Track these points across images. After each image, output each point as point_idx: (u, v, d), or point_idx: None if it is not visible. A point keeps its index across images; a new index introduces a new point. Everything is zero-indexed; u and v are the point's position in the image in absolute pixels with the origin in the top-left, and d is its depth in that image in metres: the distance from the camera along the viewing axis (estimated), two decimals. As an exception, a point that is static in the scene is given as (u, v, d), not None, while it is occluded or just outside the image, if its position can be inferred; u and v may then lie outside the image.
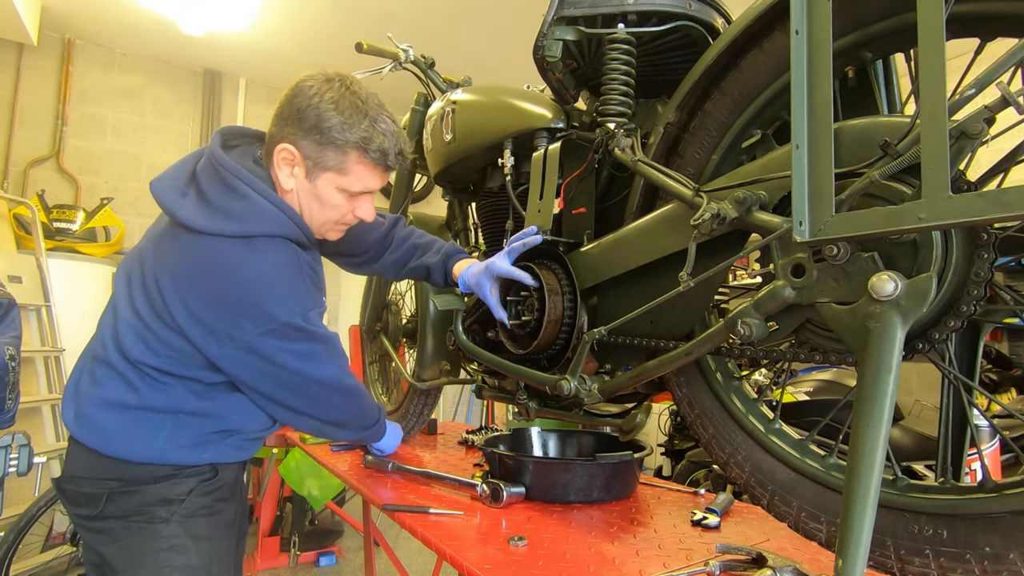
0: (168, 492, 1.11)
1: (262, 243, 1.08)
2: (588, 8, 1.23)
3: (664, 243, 1.08)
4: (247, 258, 1.07)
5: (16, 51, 4.35)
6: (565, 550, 1.07)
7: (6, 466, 1.89)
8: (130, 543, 1.08)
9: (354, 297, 2.19)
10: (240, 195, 1.09)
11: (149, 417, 1.11)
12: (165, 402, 1.11)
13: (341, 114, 1.09)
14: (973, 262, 0.77)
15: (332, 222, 1.20)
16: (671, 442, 3.60)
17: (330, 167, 1.12)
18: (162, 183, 1.12)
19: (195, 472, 1.14)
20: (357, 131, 1.10)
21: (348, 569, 3.54)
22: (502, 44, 4.20)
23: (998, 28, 0.77)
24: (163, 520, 1.09)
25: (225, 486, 1.19)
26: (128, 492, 1.09)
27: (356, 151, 1.11)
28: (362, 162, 1.13)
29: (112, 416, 1.11)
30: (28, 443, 1.95)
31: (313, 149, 1.10)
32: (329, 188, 1.14)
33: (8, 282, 3.12)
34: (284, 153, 1.12)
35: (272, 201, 1.11)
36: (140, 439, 1.10)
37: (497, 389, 1.59)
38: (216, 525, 1.16)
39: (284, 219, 1.11)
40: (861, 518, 0.69)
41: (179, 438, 1.12)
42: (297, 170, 1.13)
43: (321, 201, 1.15)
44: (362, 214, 1.21)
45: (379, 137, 1.11)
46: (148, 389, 1.11)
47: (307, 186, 1.14)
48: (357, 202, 1.19)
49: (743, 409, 1.04)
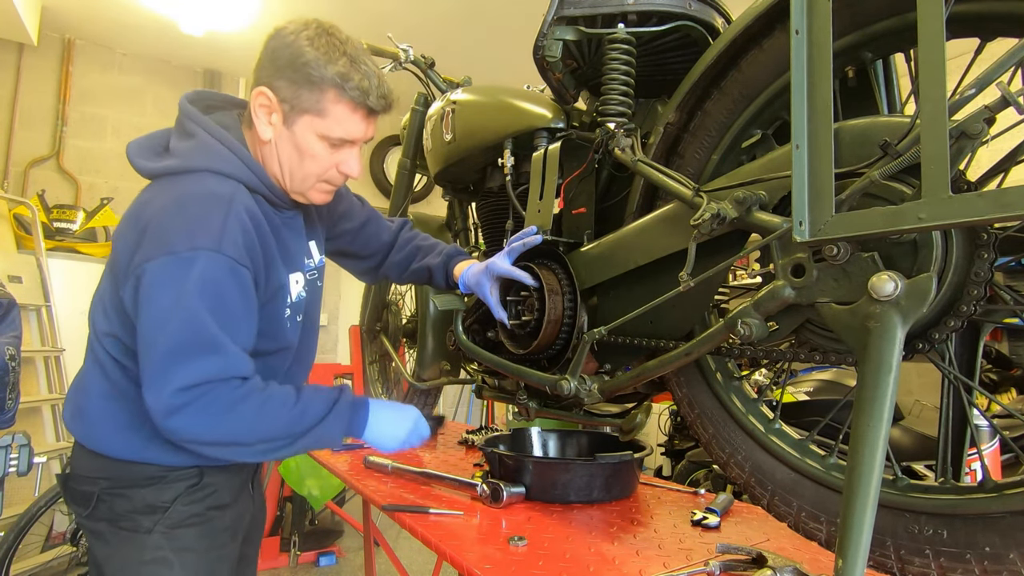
0: (154, 498, 1.04)
1: (199, 175, 1.01)
2: (588, 8, 1.23)
3: (664, 243, 1.08)
4: (175, 185, 1.00)
5: (16, 51, 4.34)
6: (565, 550, 1.07)
7: (6, 466, 1.89)
8: (117, 552, 1.04)
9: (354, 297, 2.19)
10: (190, 135, 1.04)
11: (127, 406, 1.04)
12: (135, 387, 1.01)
13: (317, 50, 1.01)
14: (973, 262, 0.77)
15: (315, 176, 1.09)
16: (671, 442, 3.60)
17: (307, 109, 1.03)
18: (137, 141, 1.09)
19: (182, 476, 1.06)
20: (334, 67, 1.01)
21: (348, 569, 3.54)
22: (502, 44, 4.20)
23: (998, 28, 0.77)
24: (147, 530, 1.03)
25: (219, 491, 1.10)
26: (117, 494, 1.04)
27: (333, 88, 1.02)
28: (340, 101, 1.03)
29: (93, 405, 1.06)
30: (28, 443, 1.95)
31: (289, 89, 1.02)
32: (308, 134, 1.05)
33: (8, 282, 3.12)
34: (260, 98, 1.04)
35: (223, 140, 1.03)
36: (121, 432, 1.04)
37: (497, 389, 1.59)
38: (208, 535, 1.08)
39: (233, 159, 1.03)
40: (861, 518, 0.69)
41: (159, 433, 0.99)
42: (275, 117, 1.05)
43: (301, 151, 1.06)
44: (347, 169, 1.10)
45: (357, 75, 1.02)
46: (117, 371, 1.04)
47: (286, 134, 1.05)
48: (340, 154, 1.08)
49: (743, 409, 1.04)
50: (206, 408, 0.93)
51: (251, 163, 1.05)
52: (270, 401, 0.99)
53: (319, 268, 1.25)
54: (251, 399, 0.97)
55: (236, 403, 0.95)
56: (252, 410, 0.97)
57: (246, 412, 0.96)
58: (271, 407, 0.99)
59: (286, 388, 1.03)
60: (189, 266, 0.92)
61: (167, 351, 0.92)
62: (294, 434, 1.02)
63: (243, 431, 0.98)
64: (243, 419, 0.96)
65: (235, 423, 0.96)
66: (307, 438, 1.03)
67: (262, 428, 0.99)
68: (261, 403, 0.98)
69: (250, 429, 0.98)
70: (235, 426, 0.97)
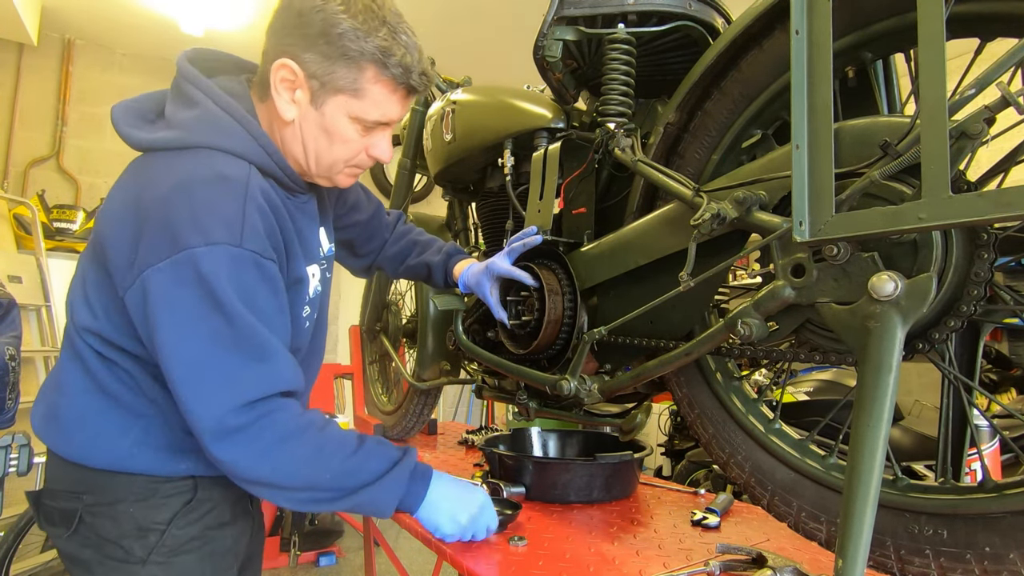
0: (145, 518, 0.89)
1: (203, 153, 0.86)
2: (588, 8, 1.23)
3: (664, 243, 1.08)
4: (175, 165, 0.85)
5: (16, 51, 4.34)
6: (565, 550, 1.07)
7: (6, 466, 1.89)
8: None
9: (354, 297, 2.19)
10: (192, 103, 0.89)
11: (113, 407, 0.90)
12: (124, 386, 0.90)
13: (354, 18, 0.86)
14: (973, 262, 0.77)
15: (343, 162, 0.96)
16: (671, 442, 3.60)
17: (341, 88, 0.89)
18: (124, 104, 0.94)
19: (175, 490, 0.92)
20: (374, 39, 0.87)
21: (348, 569, 3.54)
22: (502, 44, 4.20)
23: (998, 28, 0.77)
24: (139, 560, 0.88)
25: (218, 507, 0.96)
26: (103, 512, 0.89)
27: (374, 66, 0.88)
28: (380, 80, 0.90)
29: (70, 405, 0.91)
30: (28, 443, 1.95)
31: (320, 64, 0.87)
32: (339, 117, 0.91)
33: (8, 282, 3.12)
34: (283, 71, 0.88)
35: (232, 112, 0.89)
36: (105, 437, 0.89)
37: (497, 389, 1.59)
38: (208, 558, 0.93)
39: (243, 135, 0.89)
40: (861, 518, 0.69)
41: (152, 437, 0.90)
42: (300, 94, 0.90)
43: (330, 134, 0.93)
44: (378, 153, 0.98)
45: (399, 49, 0.89)
46: (102, 368, 0.90)
47: (312, 114, 0.91)
48: (373, 137, 0.96)
49: (743, 409, 1.04)
50: (260, 435, 0.83)
51: (265, 141, 0.91)
52: (328, 444, 0.88)
53: (329, 258, 1.12)
54: (308, 436, 0.86)
55: (293, 435, 0.85)
56: (307, 450, 0.86)
57: (300, 450, 0.86)
58: (327, 451, 0.88)
59: (348, 433, 0.93)
60: (209, 263, 0.80)
61: (210, 366, 0.81)
62: (344, 488, 0.89)
63: (292, 472, 0.86)
64: (295, 458, 0.86)
65: (286, 461, 0.85)
66: (357, 496, 0.90)
67: (312, 473, 0.87)
68: (318, 444, 0.87)
69: (299, 472, 0.86)
70: (286, 465, 0.85)
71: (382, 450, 0.95)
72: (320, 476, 0.88)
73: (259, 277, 0.85)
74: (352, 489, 0.90)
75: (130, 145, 0.91)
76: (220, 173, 0.85)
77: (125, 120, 0.91)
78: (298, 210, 0.98)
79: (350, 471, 0.90)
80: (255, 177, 0.88)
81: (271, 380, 0.85)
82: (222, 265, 0.81)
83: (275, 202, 0.91)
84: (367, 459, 0.92)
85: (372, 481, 0.91)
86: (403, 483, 0.94)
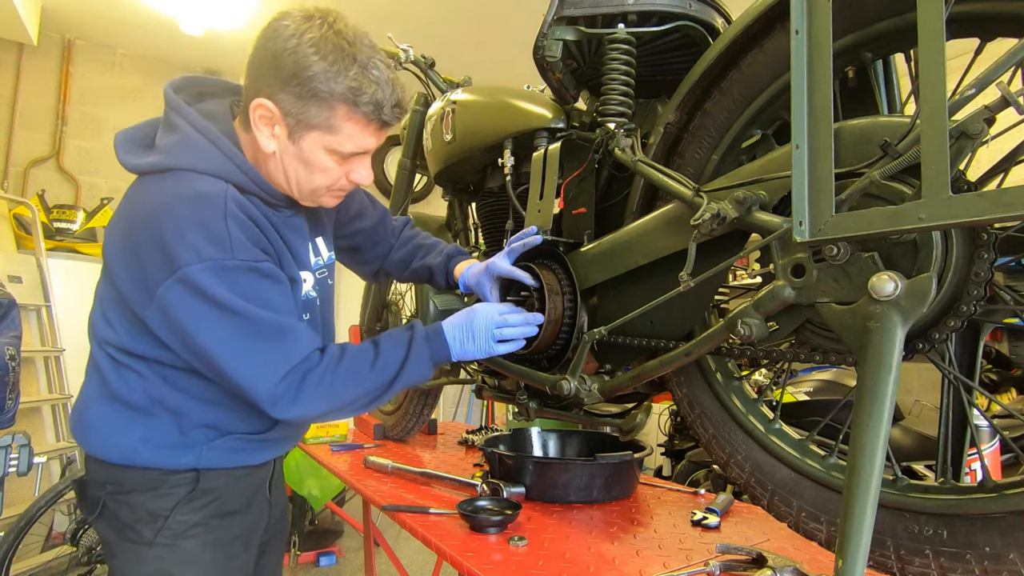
0: (154, 505, 1.00)
1: (183, 175, 0.94)
2: (588, 8, 1.23)
3: (664, 243, 1.08)
4: (158, 188, 0.94)
5: (16, 51, 4.34)
6: (565, 550, 1.07)
7: (6, 466, 1.89)
8: (120, 564, 1.02)
9: (354, 297, 2.19)
10: (174, 128, 0.97)
11: (121, 409, 1.01)
12: (132, 390, 1.00)
13: (324, 59, 0.91)
14: (973, 262, 0.77)
15: (324, 188, 1.03)
16: (671, 442, 3.60)
17: (315, 125, 0.95)
18: (125, 132, 1.03)
19: (179, 481, 1.01)
20: (344, 80, 0.92)
21: (348, 569, 3.54)
22: (502, 44, 4.20)
23: (998, 28, 0.77)
24: (148, 542, 0.99)
25: (223, 498, 1.04)
26: (121, 501, 1.01)
27: (344, 105, 0.94)
28: (352, 118, 0.95)
29: (90, 410, 1.03)
30: (28, 443, 1.95)
31: (294, 104, 0.93)
32: (316, 150, 0.97)
33: (8, 282, 3.12)
34: (261, 110, 0.95)
35: (207, 135, 0.96)
36: (115, 435, 1.01)
37: (497, 389, 1.59)
38: (212, 545, 1.02)
39: (218, 157, 0.96)
40: (861, 518, 0.69)
41: (155, 435, 1.00)
42: (278, 129, 0.96)
43: (309, 165, 0.99)
44: (358, 178, 1.04)
45: (371, 86, 0.94)
46: (114, 373, 1.01)
47: (291, 148, 0.97)
48: (351, 164, 1.02)
49: (743, 409, 1.04)
50: (305, 390, 0.96)
51: (240, 161, 0.98)
52: (353, 363, 1.02)
53: (328, 265, 1.20)
54: (338, 368, 1.00)
55: (326, 376, 0.98)
56: (342, 377, 1.00)
57: (338, 382, 0.99)
58: (356, 369, 1.02)
59: (363, 346, 1.06)
60: (206, 279, 0.89)
61: (243, 355, 0.93)
62: (385, 383, 1.05)
63: (341, 398, 1.01)
64: (336, 389, 1.00)
65: (333, 395, 0.99)
66: (398, 382, 1.06)
67: (356, 389, 1.02)
68: (347, 369, 1.01)
69: (346, 395, 1.01)
70: (333, 397, 1.00)
71: (395, 340, 1.09)
72: (362, 387, 1.03)
73: (258, 277, 0.95)
74: (391, 380, 1.05)
75: (126, 169, 1.00)
76: (198, 191, 0.93)
77: (123, 147, 1.01)
78: (283, 224, 1.05)
79: (381, 371, 1.05)
80: (232, 192, 0.96)
81: (295, 350, 0.98)
82: (218, 278, 0.90)
83: (255, 215, 0.98)
84: (389, 354, 1.06)
85: (401, 367, 1.06)
86: (425, 351, 1.09)
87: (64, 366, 3.57)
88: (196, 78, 1.09)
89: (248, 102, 0.97)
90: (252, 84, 0.97)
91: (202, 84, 1.09)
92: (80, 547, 2.66)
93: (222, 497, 1.05)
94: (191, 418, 1.01)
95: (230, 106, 1.06)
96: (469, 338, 1.14)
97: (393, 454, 1.87)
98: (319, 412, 1.01)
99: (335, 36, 0.93)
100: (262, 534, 1.16)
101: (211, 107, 1.03)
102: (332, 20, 0.95)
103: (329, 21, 0.94)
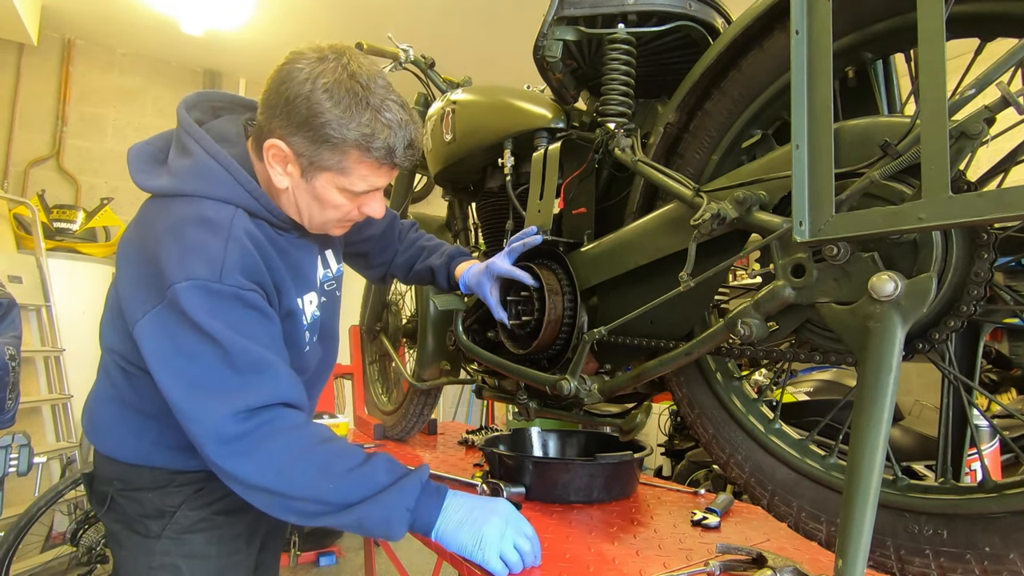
0: (162, 502, 1.04)
1: (194, 201, 0.95)
2: (588, 8, 1.23)
3: (664, 243, 1.08)
4: (169, 210, 0.95)
5: (16, 51, 4.35)
6: (565, 550, 1.07)
7: (6, 466, 1.89)
8: (128, 555, 1.05)
9: (354, 297, 2.19)
10: (187, 153, 0.98)
11: (134, 413, 1.04)
12: (143, 397, 1.02)
13: (337, 105, 0.92)
14: (973, 262, 0.77)
15: (335, 221, 1.06)
16: (671, 442, 3.60)
17: (328, 167, 0.96)
18: (138, 147, 1.04)
19: (189, 480, 1.05)
20: (357, 127, 0.93)
21: (348, 569, 3.54)
22: (502, 44, 4.20)
23: (998, 28, 0.77)
24: (155, 535, 1.03)
25: (229, 496, 0.99)
26: (129, 497, 1.05)
27: (357, 150, 0.95)
28: (364, 162, 0.96)
29: (102, 412, 1.07)
30: (28, 443, 1.95)
31: (306, 147, 0.95)
32: (329, 189, 0.99)
33: (8, 282, 3.12)
34: (274, 151, 0.97)
35: (220, 161, 0.96)
36: (129, 437, 1.05)
37: (497, 389, 1.59)
38: (217, 541, 1.06)
39: (231, 182, 0.96)
40: (861, 518, 0.69)
41: (167, 439, 1.02)
42: (291, 168, 0.98)
43: (321, 202, 1.01)
44: (370, 211, 1.06)
45: (384, 131, 0.94)
46: (124, 381, 1.04)
47: (304, 185, 0.99)
48: (363, 200, 1.04)
49: (743, 409, 1.04)
50: (261, 442, 0.86)
51: (252, 187, 0.98)
52: (332, 454, 0.90)
53: (337, 277, 1.22)
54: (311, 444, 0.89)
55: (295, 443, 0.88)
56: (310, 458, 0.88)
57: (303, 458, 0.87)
58: (332, 460, 0.89)
59: (354, 446, 0.95)
60: (188, 299, 0.87)
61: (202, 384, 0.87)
62: (348, 500, 0.88)
63: (294, 480, 0.87)
64: (297, 466, 0.87)
65: (289, 468, 0.87)
66: (362, 508, 0.88)
67: (315, 483, 0.87)
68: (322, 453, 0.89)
69: (302, 480, 0.87)
70: (288, 472, 0.86)
71: (390, 465, 0.94)
72: (323, 486, 0.88)
73: (242, 305, 0.92)
74: (357, 500, 0.88)
75: (139, 188, 1.00)
76: (205, 217, 0.93)
77: (136, 165, 1.01)
78: (291, 245, 1.06)
79: (356, 482, 0.89)
80: (240, 219, 0.96)
81: (270, 389, 0.89)
82: (201, 299, 0.88)
83: (261, 241, 0.98)
84: (374, 471, 0.91)
85: (377, 492, 0.89)
86: (413, 495, 0.91)
87: (64, 366, 3.57)
88: (209, 94, 1.10)
89: (261, 138, 0.98)
90: (266, 123, 0.97)
91: (216, 99, 1.10)
92: (80, 547, 2.66)
93: (229, 496, 1.02)
94: None
95: (244, 124, 1.06)
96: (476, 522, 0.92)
97: (393, 454, 1.85)
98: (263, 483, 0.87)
99: (349, 80, 0.92)
100: (264, 532, 1.19)
101: (224, 127, 1.04)
102: (346, 62, 0.94)
103: (343, 63, 0.94)
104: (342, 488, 0.88)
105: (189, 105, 1.05)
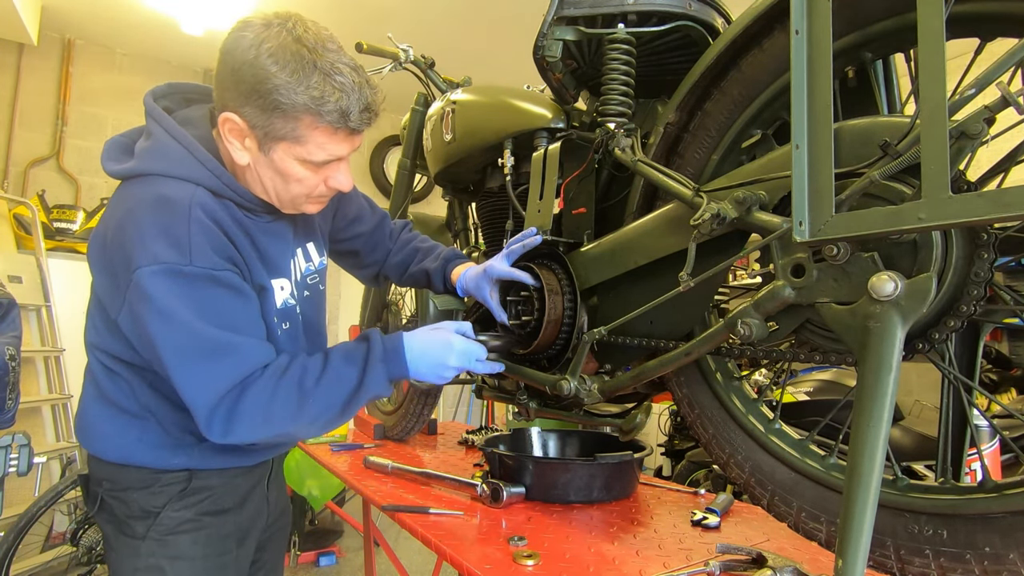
0: (147, 503, 1.03)
1: (152, 180, 0.94)
2: (588, 8, 1.23)
3: (664, 243, 1.08)
4: (128, 193, 0.94)
5: (16, 51, 4.34)
6: (565, 550, 1.07)
7: (6, 466, 1.89)
8: (116, 556, 1.05)
9: (354, 297, 2.19)
10: (149, 135, 0.98)
11: (117, 412, 1.04)
12: (124, 395, 1.03)
13: (283, 70, 0.88)
14: (973, 262, 0.77)
15: (303, 196, 1.02)
16: (671, 442, 3.60)
17: (282, 136, 0.93)
18: (113, 139, 1.03)
19: (172, 480, 1.04)
20: (306, 90, 0.89)
21: (348, 569, 3.54)
22: (502, 44, 4.20)
23: (998, 28, 0.77)
24: (140, 536, 1.02)
25: (216, 496, 1.06)
26: (116, 497, 1.04)
27: (308, 115, 0.91)
28: (317, 127, 0.93)
29: (87, 412, 1.07)
30: (28, 443, 1.95)
31: (258, 117, 0.91)
32: (288, 160, 0.96)
33: (8, 282, 3.12)
34: (229, 124, 0.94)
35: (180, 140, 0.95)
36: (113, 436, 1.04)
37: (497, 389, 1.59)
38: (203, 542, 1.04)
39: (190, 160, 0.94)
40: (861, 518, 0.69)
41: (149, 437, 1.03)
42: (248, 142, 0.95)
43: (284, 176, 0.97)
44: (337, 184, 1.02)
45: (335, 94, 0.90)
46: (107, 379, 1.03)
47: (263, 159, 0.96)
48: (327, 172, 1.00)
49: (743, 409, 1.04)
50: (239, 412, 0.91)
51: (212, 165, 0.96)
52: (298, 379, 0.95)
53: (320, 271, 1.20)
54: (280, 385, 0.94)
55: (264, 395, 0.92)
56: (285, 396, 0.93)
57: (279, 400, 0.93)
58: (302, 386, 0.95)
59: (312, 360, 0.99)
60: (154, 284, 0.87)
61: (184, 371, 0.90)
62: (336, 404, 0.98)
63: (283, 417, 0.94)
64: (279, 409, 0.93)
65: (272, 414, 0.93)
66: (352, 404, 0.99)
67: (302, 410, 0.95)
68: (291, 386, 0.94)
69: (291, 416, 0.94)
70: (275, 416, 0.93)
71: (348, 354, 1.01)
72: (310, 408, 0.95)
73: (214, 286, 0.92)
74: (344, 401, 0.98)
75: (108, 175, 1.00)
76: (162, 196, 0.91)
77: (107, 154, 1.01)
78: (259, 229, 1.03)
79: (331, 389, 0.97)
80: (200, 197, 0.93)
81: (236, 369, 0.92)
82: (171, 282, 0.88)
83: (223, 220, 0.96)
84: (340, 370, 0.99)
85: (356, 386, 0.99)
86: (381, 369, 1.01)
87: (64, 366, 3.57)
88: (182, 85, 1.09)
89: (217, 115, 0.96)
90: (219, 98, 0.95)
91: (189, 91, 1.09)
92: (80, 547, 2.66)
93: (215, 495, 1.07)
94: (179, 422, 1.03)
95: (210, 111, 1.04)
96: (432, 359, 1.06)
97: (393, 454, 1.87)
98: (260, 436, 0.95)
99: (294, 43, 0.90)
100: (262, 531, 1.18)
101: (191, 113, 1.02)
102: (292, 25, 0.91)
103: (288, 27, 0.91)
104: (324, 401, 0.97)
105: (158, 95, 1.04)
